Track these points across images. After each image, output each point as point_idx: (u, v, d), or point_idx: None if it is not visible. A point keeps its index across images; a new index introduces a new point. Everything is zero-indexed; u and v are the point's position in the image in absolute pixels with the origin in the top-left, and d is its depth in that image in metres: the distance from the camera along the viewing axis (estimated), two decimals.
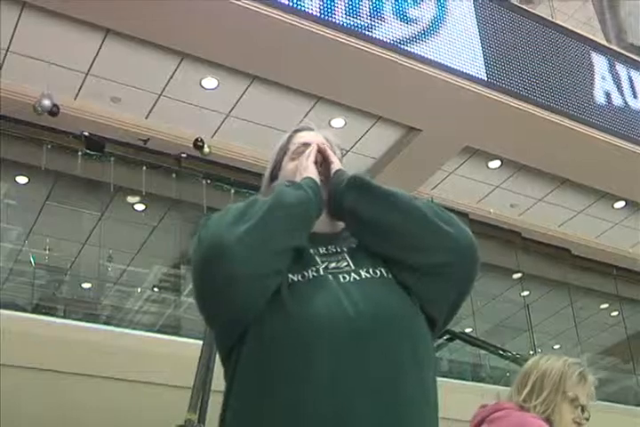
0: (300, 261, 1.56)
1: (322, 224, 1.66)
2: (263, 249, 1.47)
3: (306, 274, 1.55)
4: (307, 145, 1.78)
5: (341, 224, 1.72)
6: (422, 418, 1.49)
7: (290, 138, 1.83)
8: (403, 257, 1.57)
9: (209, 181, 7.62)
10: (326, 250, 1.63)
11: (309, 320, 1.46)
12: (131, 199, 7.95)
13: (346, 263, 1.60)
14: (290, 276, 1.54)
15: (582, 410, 2.33)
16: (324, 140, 1.81)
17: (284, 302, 1.49)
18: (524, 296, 9.44)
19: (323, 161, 1.74)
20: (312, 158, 1.72)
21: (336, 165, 1.74)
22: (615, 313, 10.67)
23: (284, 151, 1.81)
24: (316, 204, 1.61)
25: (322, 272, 1.56)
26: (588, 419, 2.35)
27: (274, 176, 1.79)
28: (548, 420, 2.27)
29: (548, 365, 2.36)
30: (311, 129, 1.87)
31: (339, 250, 1.64)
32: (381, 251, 1.61)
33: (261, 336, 1.48)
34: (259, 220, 1.49)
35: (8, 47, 6.32)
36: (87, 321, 6.35)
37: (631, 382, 10.05)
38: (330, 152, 1.76)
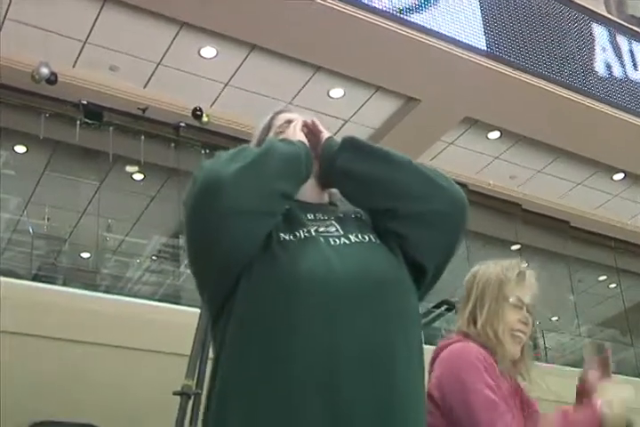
0: (291, 222, 1.60)
1: (309, 194, 1.71)
2: (255, 186, 1.52)
3: (297, 234, 1.58)
4: (290, 122, 1.82)
5: (326, 198, 1.78)
6: (410, 376, 1.52)
7: (272, 118, 1.88)
8: (396, 206, 1.62)
9: (207, 151, 7.61)
10: (314, 216, 1.66)
11: (301, 278, 1.49)
12: (129, 169, 7.95)
13: (335, 229, 1.64)
14: (281, 234, 1.56)
15: (527, 310, 2.31)
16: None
17: (275, 258, 1.52)
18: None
19: (311, 133, 1.78)
20: (299, 126, 1.77)
21: (326, 133, 1.78)
22: (613, 285, 10.70)
23: (267, 129, 1.86)
24: (306, 161, 1.66)
25: (313, 233, 1.59)
26: (532, 319, 2.32)
27: None
28: (496, 337, 2.25)
29: (487, 276, 2.32)
30: (291, 111, 1.92)
31: (326, 217, 1.67)
32: (374, 205, 1.67)
33: (252, 292, 1.51)
34: (252, 160, 1.55)
35: (5, 15, 6.28)
36: (86, 290, 6.38)
37: (629, 354, 10.10)
38: (318, 123, 1.80)
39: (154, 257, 8.35)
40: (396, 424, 1.44)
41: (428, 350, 2.33)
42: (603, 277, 10.80)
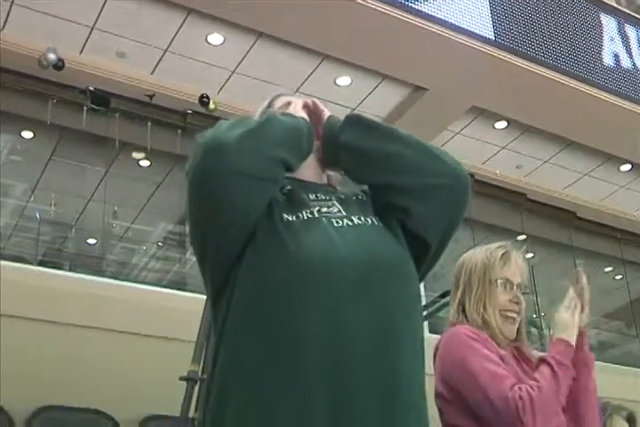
0: (293, 203, 1.61)
1: (310, 173, 1.73)
2: (257, 150, 1.53)
3: (300, 215, 1.59)
4: (290, 104, 1.82)
5: (326, 179, 1.79)
6: (412, 359, 1.53)
7: (272, 101, 1.89)
8: (400, 181, 1.64)
9: None
10: (316, 196, 1.67)
11: (305, 260, 1.49)
12: (136, 155, 7.95)
13: (337, 209, 1.64)
14: (284, 215, 1.57)
15: (518, 289, 2.32)
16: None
17: (279, 239, 1.52)
18: (528, 258, 9.45)
19: (312, 113, 1.78)
20: (300, 106, 1.78)
21: (327, 112, 1.79)
22: (619, 277, 10.68)
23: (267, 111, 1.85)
24: (308, 136, 1.67)
25: (316, 214, 1.60)
26: (524, 294, 2.33)
27: None
28: (484, 320, 2.25)
29: (473, 261, 2.33)
30: (291, 95, 1.93)
31: (327, 198, 1.68)
32: (378, 180, 1.68)
33: (255, 275, 1.51)
34: (254, 126, 1.58)
35: (13, 0, 6.27)
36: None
37: (635, 346, 10.10)
38: (319, 103, 1.81)
39: (160, 244, 8.37)
40: (399, 406, 1.45)
41: (434, 338, 2.34)
42: (608, 269, 10.78)
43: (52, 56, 6.52)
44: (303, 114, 1.74)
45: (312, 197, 1.66)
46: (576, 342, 2.26)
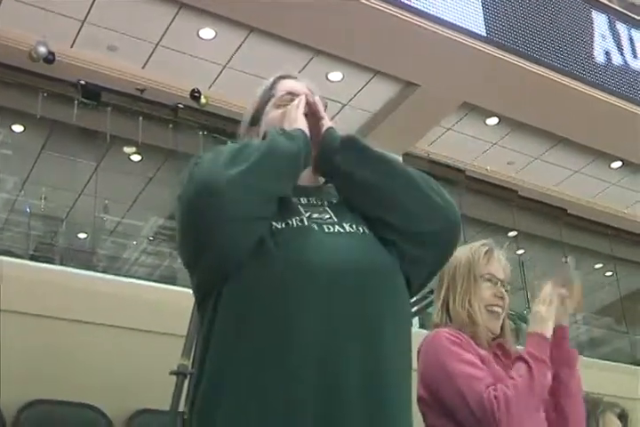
0: (283, 210, 1.57)
1: (304, 177, 1.67)
2: (254, 193, 1.48)
3: (290, 222, 1.56)
4: (292, 94, 1.78)
5: (321, 178, 1.76)
6: (398, 369, 1.53)
7: (274, 84, 1.84)
8: (389, 220, 1.61)
9: (205, 133, 7.60)
10: (307, 201, 1.65)
11: (294, 266, 1.48)
12: (127, 149, 7.93)
13: (328, 216, 1.62)
14: (273, 223, 1.55)
15: (502, 285, 2.34)
16: (310, 92, 1.81)
17: (267, 248, 1.50)
18: (519, 254, 9.47)
19: (311, 114, 1.74)
20: (302, 110, 1.72)
21: (326, 121, 1.74)
22: (609, 273, 10.72)
23: (267, 97, 1.81)
24: (306, 157, 1.62)
25: (306, 222, 1.57)
26: (507, 291, 2.35)
27: (255, 120, 1.79)
28: (470, 317, 2.27)
29: (457, 259, 2.33)
30: (295, 78, 1.87)
31: (319, 203, 1.66)
32: (368, 212, 1.64)
33: (244, 283, 1.49)
34: (252, 164, 1.49)
35: None
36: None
37: (624, 342, 10.13)
38: (320, 107, 1.76)
39: (150, 238, 8.36)
40: (385, 405, 1.46)
41: (424, 333, 2.35)
42: (599, 265, 10.81)
43: (42, 49, 6.50)
44: (303, 121, 1.69)
45: (304, 201, 1.64)
46: (555, 339, 2.27)
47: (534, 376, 2.10)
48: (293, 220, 1.57)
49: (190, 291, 1.68)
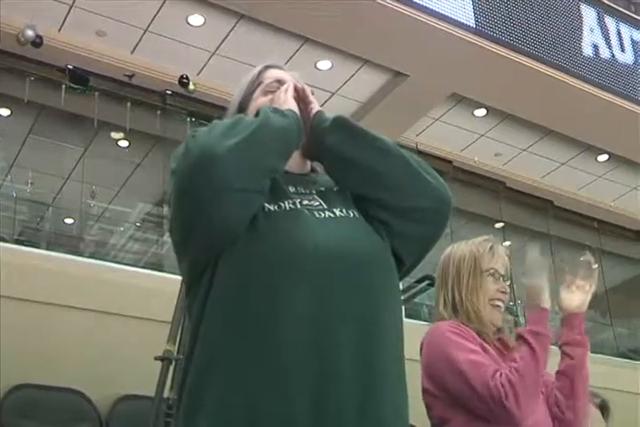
0: (275, 194, 1.58)
1: (292, 163, 1.67)
2: (250, 163, 1.49)
3: (282, 205, 1.57)
4: (280, 82, 1.78)
5: (309, 166, 1.76)
6: (393, 352, 1.54)
7: (261, 72, 1.82)
8: (382, 197, 1.62)
9: (193, 119, 7.59)
10: (296, 189, 1.65)
11: (286, 251, 1.48)
12: (114, 135, 7.90)
13: (318, 203, 1.63)
14: (266, 205, 1.55)
15: (504, 280, 2.37)
16: (297, 81, 1.81)
17: (260, 229, 1.51)
18: (505, 246, 9.51)
19: (300, 100, 1.74)
20: (291, 93, 1.72)
21: (315, 105, 1.74)
22: (595, 266, 10.73)
23: (255, 84, 1.80)
24: (298, 135, 1.63)
25: (298, 206, 1.58)
26: (509, 286, 2.39)
27: (242, 107, 1.79)
28: (475, 311, 2.30)
29: (461, 254, 2.38)
30: (282, 68, 1.86)
31: (308, 191, 1.66)
32: (360, 191, 1.65)
33: (236, 264, 1.50)
34: (248, 135, 1.51)
35: None
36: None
37: (609, 335, 10.19)
38: (309, 92, 1.76)
39: (138, 224, 8.35)
40: (379, 392, 1.47)
41: (409, 323, 2.37)
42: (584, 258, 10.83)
43: (30, 33, 6.46)
44: (293, 104, 1.69)
45: (292, 189, 1.64)
46: (570, 324, 2.40)
47: (538, 355, 2.14)
48: (285, 202, 1.57)
49: (176, 277, 1.67)
